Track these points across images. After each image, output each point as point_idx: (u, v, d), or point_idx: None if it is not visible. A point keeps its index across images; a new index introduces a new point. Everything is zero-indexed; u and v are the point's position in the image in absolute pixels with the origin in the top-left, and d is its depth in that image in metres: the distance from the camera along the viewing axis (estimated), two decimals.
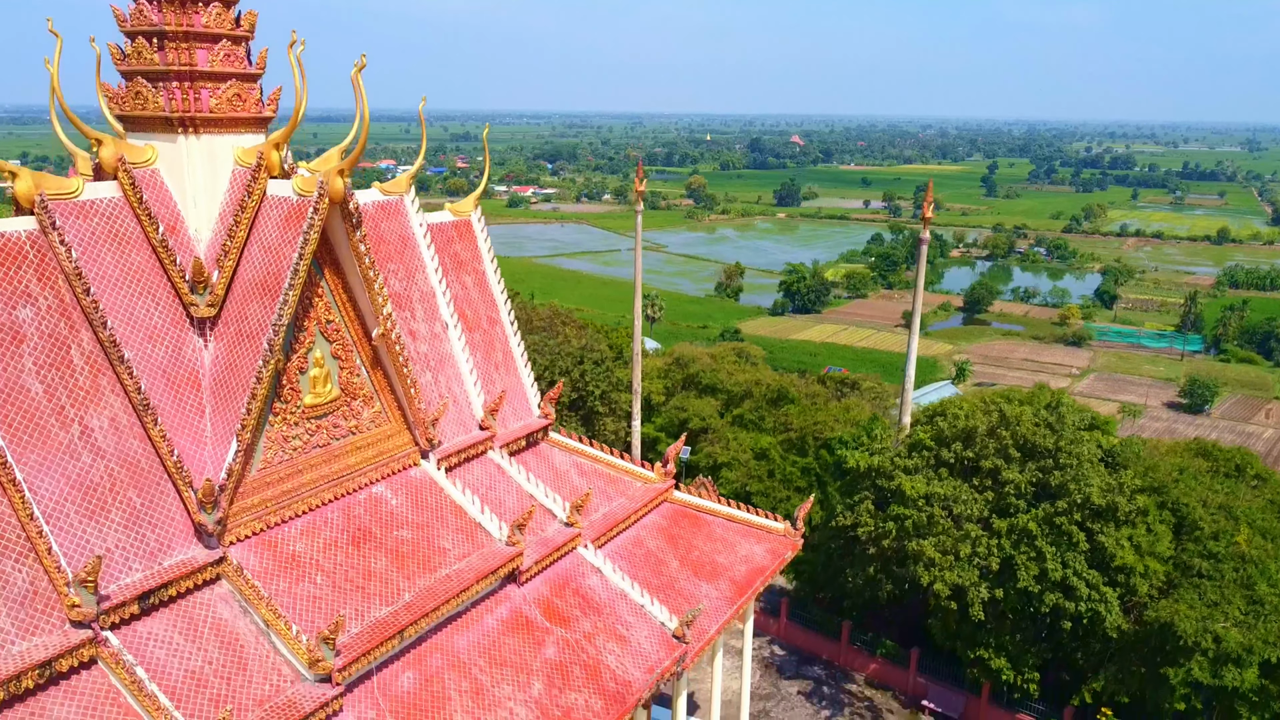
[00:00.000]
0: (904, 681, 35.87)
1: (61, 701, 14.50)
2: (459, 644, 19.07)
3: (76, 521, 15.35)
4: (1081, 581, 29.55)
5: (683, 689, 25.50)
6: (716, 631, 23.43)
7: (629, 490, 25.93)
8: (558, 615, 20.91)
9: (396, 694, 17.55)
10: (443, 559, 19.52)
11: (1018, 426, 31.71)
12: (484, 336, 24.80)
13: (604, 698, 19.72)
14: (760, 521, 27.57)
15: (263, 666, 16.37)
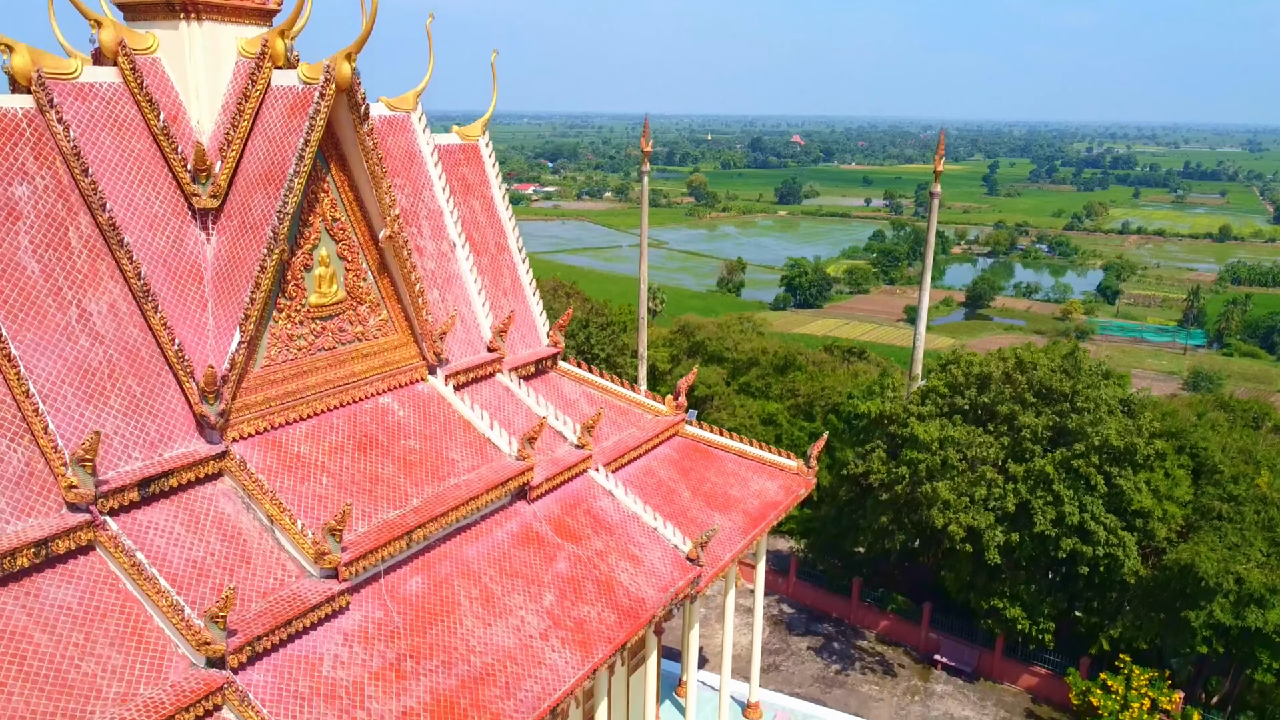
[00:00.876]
0: (916, 637, 35.28)
1: (58, 584, 13.93)
2: (468, 554, 18.51)
3: (74, 404, 14.80)
4: (1099, 526, 29.00)
5: (693, 642, 24.94)
6: (730, 559, 22.86)
7: (640, 421, 25.38)
8: (569, 533, 20.35)
9: (405, 596, 16.99)
10: (451, 469, 18.97)
11: (1034, 372, 31.17)
12: (492, 262, 24.26)
13: (617, 612, 19.15)
14: (773, 458, 27.01)
15: (266, 561, 15.81)
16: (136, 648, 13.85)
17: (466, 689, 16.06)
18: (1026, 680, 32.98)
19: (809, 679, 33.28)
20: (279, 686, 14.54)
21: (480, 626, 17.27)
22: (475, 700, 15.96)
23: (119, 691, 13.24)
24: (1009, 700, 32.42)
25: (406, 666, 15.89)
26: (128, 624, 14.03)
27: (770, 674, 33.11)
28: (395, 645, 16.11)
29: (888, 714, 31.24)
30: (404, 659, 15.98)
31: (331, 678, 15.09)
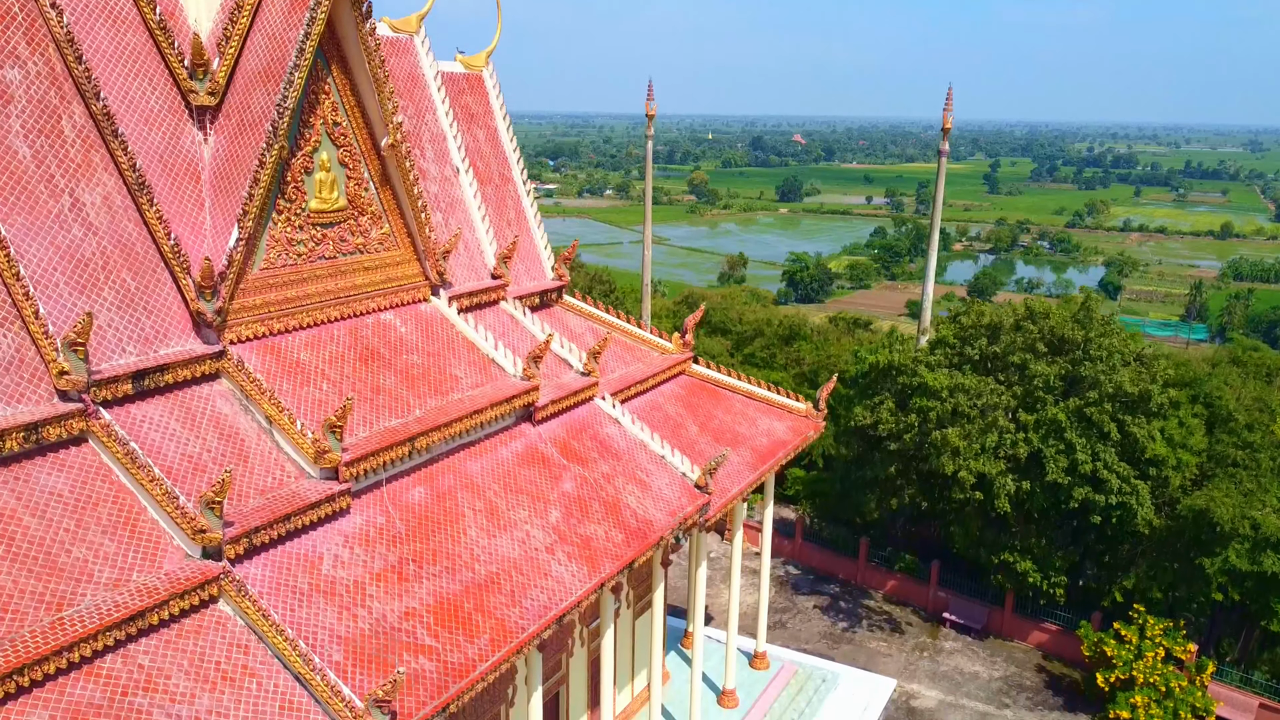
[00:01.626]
0: (924, 596, 34.79)
1: (49, 471, 13.45)
2: (472, 469, 18.04)
3: (66, 293, 14.34)
4: (1112, 474, 28.50)
5: (700, 598, 24.44)
6: (738, 493, 22.37)
7: (646, 358, 24.91)
8: (575, 455, 19.87)
9: (407, 505, 16.51)
10: (455, 386, 18.50)
11: (1046, 320, 30.69)
12: (496, 192, 23.81)
13: (624, 532, 18.68)
14: (782, 400, 26.54)
15: (265, 461, 15.34)
16: (129, 537, 13.38)
17: (471, 594, 15.59)
18: (1037, 637, 32.48)
19: (816, 636, 32.78)
20: (277, 581, 14.07)
21: (484, 537, 16.80)
22: (480, 605, 15.49)
23: (111, 577, 12.77)
24: (1019, 656, 31.92)
25: (409, 570, 15.42)
26: (120, 514, 13.56)
27: (776, 631, 32.62)
28: (397, 549, 15.64)
29: (896, 669, 30.74)
30: (406, 563, 15.51)
31: (331, 576, 14.61)
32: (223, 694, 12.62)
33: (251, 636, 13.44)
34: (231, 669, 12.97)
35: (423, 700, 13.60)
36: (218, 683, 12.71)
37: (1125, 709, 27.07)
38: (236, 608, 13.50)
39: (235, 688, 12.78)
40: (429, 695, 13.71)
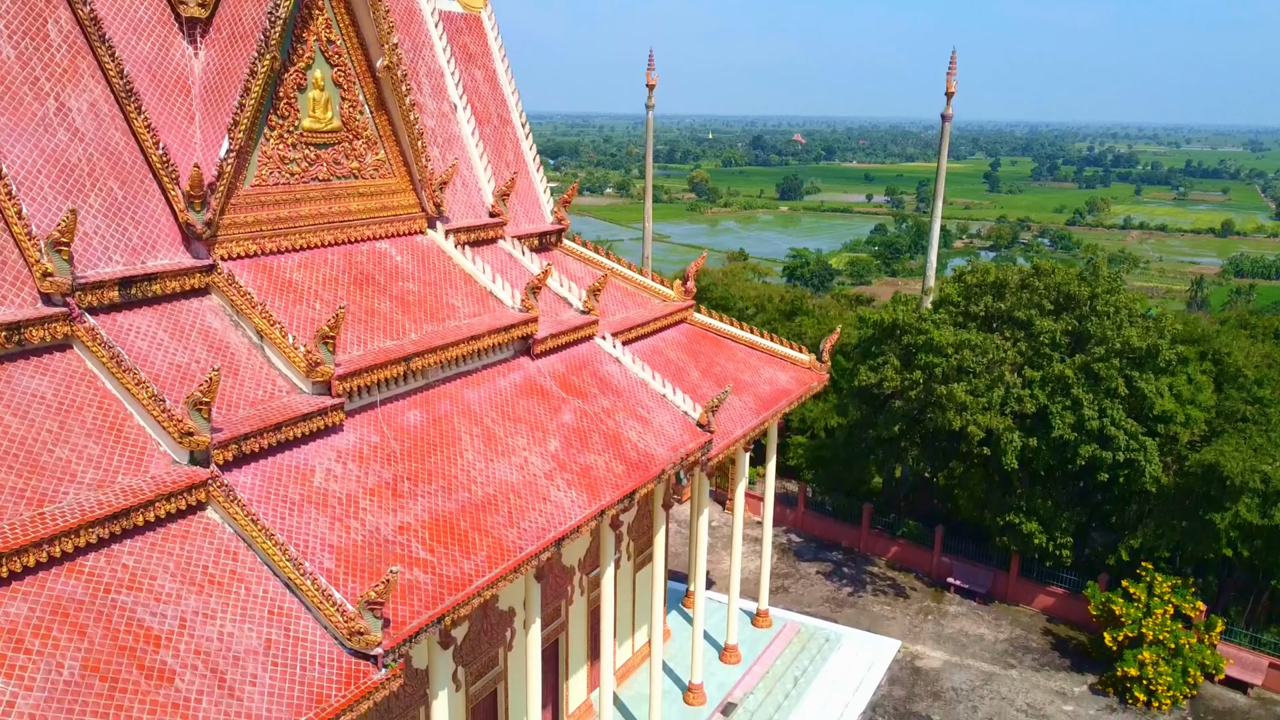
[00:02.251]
0: (928, 562, 34.34)
1: (31, 374, 13.04)
2: (469, 396, 17.62)
3: (50, 196, 13.93)
4: (1120, 430, 28.07)
5: (701, 563, 24.04)
6: (741, 435, 21.95)
7: (647, 304, 24.50)
8: (575, 389, 19.46)
9: (402, 427, 16.10)
10: (451, 314, 18.09)
11: (1051, 277, 30.28)
12: (494, 133, 23.41)
13: (625, 464, 18.25)
14: (785, 351, 26.13)
15: (255, 375, 14.93)
16: (114, 441, 12.96)
17: (467, 513, 15.17)
18: (1042, 601, 32.03)
19: (818, 600, 32.34)
20: (267, 491, 13.65)
21: (481, 461, 16.38)
22: (476, 524, 15.07)
23: (94, 478, 12.35)
24: (1025, 620, 31.48)
25: (404, 487, 15.00)
26: (105, 419, 13.15)
27: (779, 595, 32.18)
28: (392, 467, 15.22)
29: (900, 631, 30.30)
30: (401, 480, 15.09)
31: (324, 488, 14.19)
32: (210, 597, 12.21)
33: (240, 544, 13.03)
34: (219, 574, 12.56)
35: (417, 610, 13.18)
36: (205, 586, 12.30)
37: (1134, 666, 26.63)
38: (225, 514, 13.08)
39: (223, 592, 12.36)
40: (423, 606, 13.29)
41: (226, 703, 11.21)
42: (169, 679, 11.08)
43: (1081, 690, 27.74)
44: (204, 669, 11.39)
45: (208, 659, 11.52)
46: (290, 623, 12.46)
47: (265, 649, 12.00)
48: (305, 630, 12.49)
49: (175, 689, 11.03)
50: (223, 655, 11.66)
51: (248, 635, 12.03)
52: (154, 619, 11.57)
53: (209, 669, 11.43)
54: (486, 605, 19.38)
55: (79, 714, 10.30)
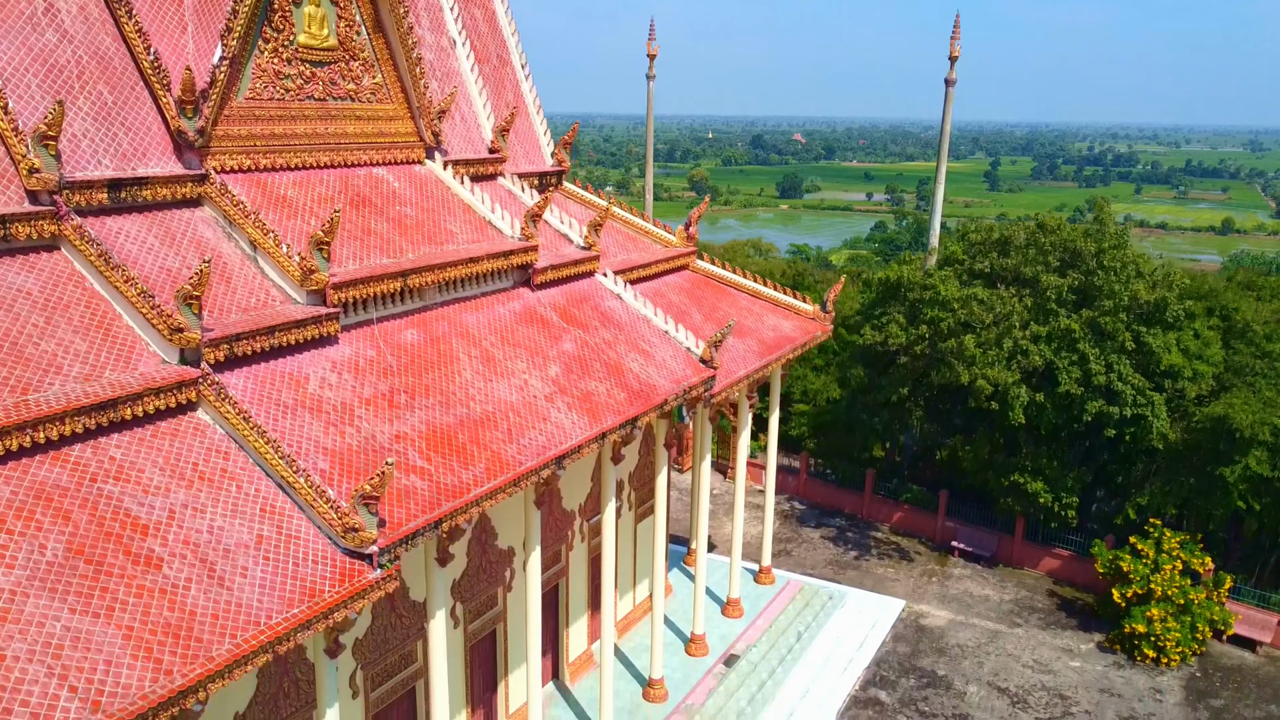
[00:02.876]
0: (932, 527, 33.97)
1: (17, 271, 12.69)
2: (468, 320, 17.27)
3: (38, 95, 13.58)
4: (1127, 386, 27.73)
5: (703, 528, 23.69)
6: (744, 376, 21.58)
7: (649, 249, 24.14)
8: (575, 321, 19.10)
9: (399, 344, 15.74)
10: (449, 239, 17.74)
11: (1057, 234, 29.92)
12: (494, 73, 23.06)
13: (627, 392, 17.89)
14: (788, 300, 25.79)
15: (249, 285, 14.58)
16: (102, 339, 12.61)
17: (465, 427, 14.81)
18: (1048, 564, 31.65)
19: (822, 563, 31.97)
20: (260, 394, 13.30)
21: (480, 380, 16.03)
22: (475, 438, 14.71)
23: (81, 372, 11.99)
24: (1030, 582, 31.10)
25: (400, 400, 14.64)
26: (93, 317, 12.79)
27: (781, 559, 31.79)
28: (388, 380, 14.87)
29: (904, 592, 29.92)
30: (397, 393, 14.74)
31: (318, 395, 13.83)
32: (199, 492, 11.85)
33: (231, 445, 12.67)
34: (210, 471, 12.19)
35: (414, 513, 12.82)
36: (194, 482, 11.93)
37: (1141, 622, 26.26)
38: (216, 414, 12.72)
39: (213, 488, 12.00)
40: (420, 510, 12.93)
41: (216, 592, 10.84)
42: (156, 565, 10.72)
43: (1089, 648, 27.36)
44: (193, 559, 11.03)
45: (197, 550, 11.16)
46: (283, 521, 12.09)
47: (257, 544, 11.64)
48: (298, 529, 12.13)
49: (163, 575, 10.67)
50: (212, 547, 11.29)
51: (238, 530, 11.67)
52: (141, 509, 11.21)
53: (198, 559, 11.07)
54: (485, 542, 19.03)
55: (62, 594, 9.94)
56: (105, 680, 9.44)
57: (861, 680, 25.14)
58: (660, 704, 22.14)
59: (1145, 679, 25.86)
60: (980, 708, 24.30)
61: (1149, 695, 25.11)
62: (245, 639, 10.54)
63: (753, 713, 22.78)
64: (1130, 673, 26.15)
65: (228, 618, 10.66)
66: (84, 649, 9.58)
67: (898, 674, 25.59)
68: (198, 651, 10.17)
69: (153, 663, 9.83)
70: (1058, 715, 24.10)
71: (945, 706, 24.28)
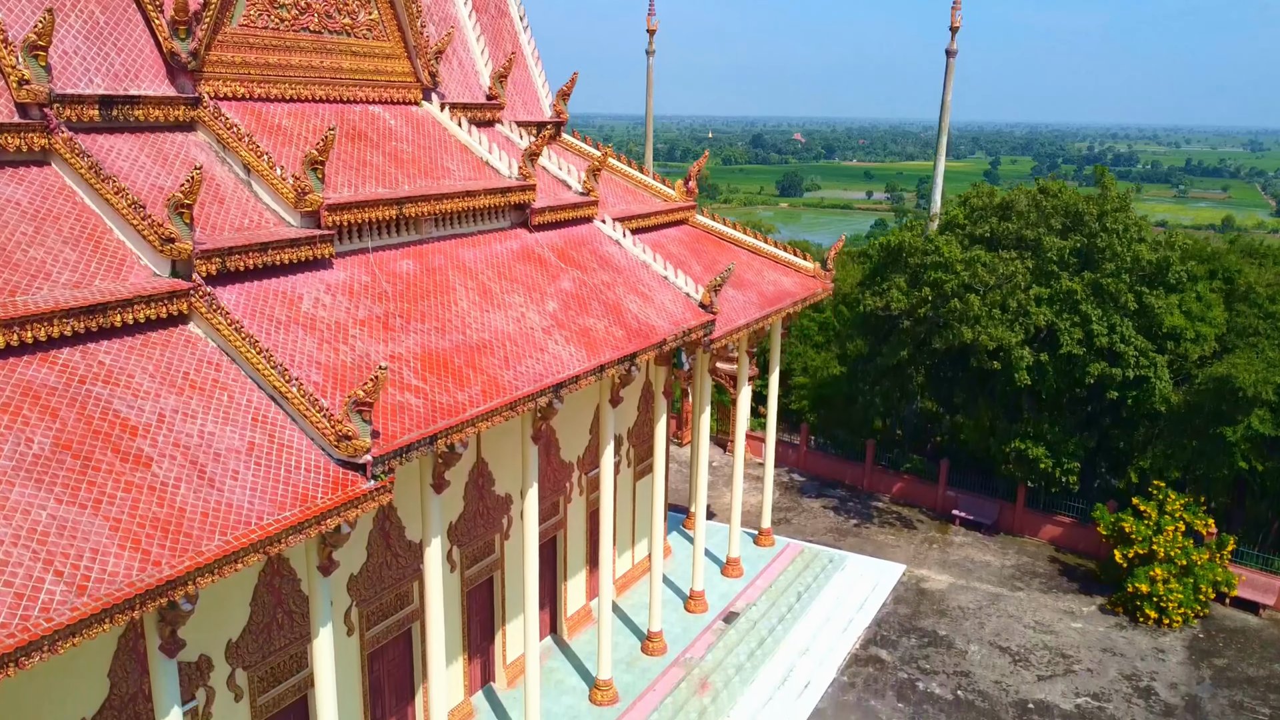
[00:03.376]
0: (932, 497, 33.78)
1: (6, 182, 12.51)
2: (465, 255, 17.09)
3: (27, 9, 13.41)
4: (1129, 347, 27.54)
5: (701, 496, 23.52)
6: (745, 325, 21.39)
7: (648, 203, 23.96)
8: (574, 262, 18.92)
9: (395, 272, 15.56)
10: (446, 175, 17.55)
11: (1060, 197, 29.73)
12: (492, 22, 22.90)
13: (626, 330, 17.71)
14: (788, 257, 25.62)
15: (242, 207, 14.40)
16: (93, 251, 12.43)
17: (461, 352, 14.63)
18: (1049, 531, 31.46)
19: (821, 530, 31.77)
20: (252, 309, 13.11)
21: (477, 311, 15.85)
22: (471, 362, 14.52)
23: (71, 279, 11.81)
24: (1031, 549, 30.90)
25: (396, 323, 14.46)
26: (83, 229, 12.62)
27: (781, 527, 31.58)
28: (383, 305, 14.68)
29: (905, 558, 29.72)
30: (392, 316, 14.55)
31: (312, 314, 13.65)
32: (190, 399, 11.67)
33: (223, 357, 12.49)
34: (201, 381, 12.01)
35: (409, 428, 12.63)
36: (185, 389, 11.75)
37: (1144, 582, 26.07)
38: (209, 327, 12.54)
39: (204, 396, 11.82)
40: (415, 425, 12.74)
41: (206, 492, 10.66)
42: (146, 464, 10.54)
43: (1091, 610, 27.17)
44: (183, 460, 10.85)
45: (187, 452, 10.98)
46: (275, 430, 11.91)
47: (248, 451, 11.45)
48: (290, 439, 11.94)
49: (152, 474, 10.48)
50: (203, 450, 11.11)
51: (230, 436, 11.49)
52: (130, 411, 11.03)
53: (188, 461, 10.88)
54: (483, 487, 18.85)
55: (49, 485, 9.75)
56: (91, 567, 9.26)
57: (862, 639, 24.95)
58: (659, 657, 21.95)
59: (1148, 639, 25.67)
60: (982, 665, 24.10)
61: (1151, 654, 24.92)
62: (236, 537, 10.35)
63: (752, 667, 22.59)
64: (1132, 633, 25.96)
65: (218, 516, 10.47)
66: (70, 537, 9.39)
67: (899, 634, 25.39)
68: (186, 546, 9.99)
69: (140, 553, 9.65)
70: (1060, 673, 23.91)
71: (946, 664, 24.08)
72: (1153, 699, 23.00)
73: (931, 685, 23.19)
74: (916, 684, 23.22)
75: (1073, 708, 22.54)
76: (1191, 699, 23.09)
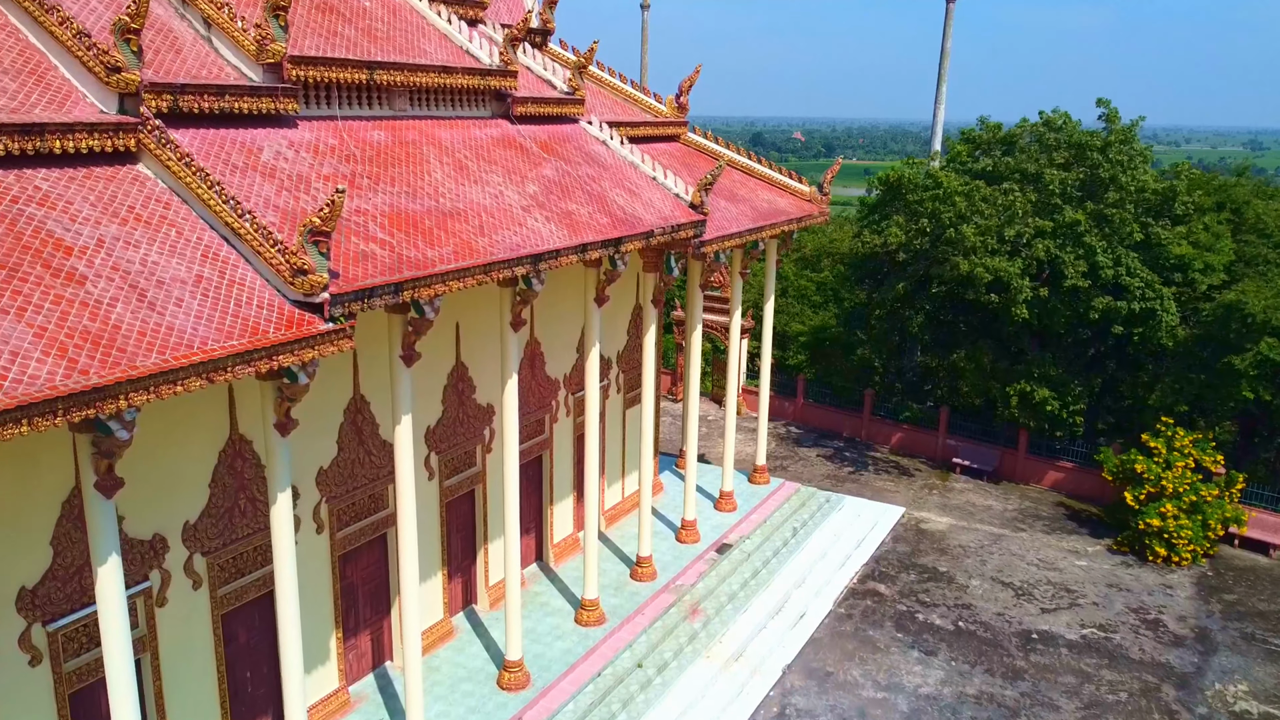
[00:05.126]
0: (932, 446, 32.93)
1: None
2: (442, 135, 16.26)
3: None
4: (1135, 279, 26.72)
5: (693, 446, 22.70)
6: (737, 234, 20.54)
7: (638, 115, 23.13)
8: (558, 154, 18.09)
9: (365, 140, 14.72)
10: (422, 56, 16.70)
11: (1063, 131, 28.90)
12: None
13: (611, 218, 16.87)
14: (782, 179, 24.77)
15: (201, 59, 13.54)
16: (35, 84, 11.56)
17: (433, 216, 13.79)
18: (1052, 477, 30.60)
19: (819, 477, 30.91)
20: (208, 151, 12.28)
21: (452, 183, 15.01)
22: (443, 225, 13.69)
23: (8, 106, 10.95)
24: (1034, 495, 30.05)
25: (364, 183, 13.62)
26: (26, 64, 11.76)
27: (777, 474, 30.59)
28: (351, 166, 13.85)
29: (904, 502, 28.87)
30: (360, 176, 13.72)
31: (272, 164, 12.82)
32: (134, 230, 10.82)
33: (173, 198, 11.65)
34: (148, 215, 11.17)
35: (372, 273, 11.79)
36: (129, 220, 10.91)
37: (1155, 517, 25.22)
38: (159, 166, 11.69)
39: (150, 229, 10.97)
40: (378, 273, 11.90)
41: (145, 314, 9.82)
42: (79, 281, 9.70)
43: (1096, 549, 26.33)
44: (122, 283, 10.01)
45: (127, 276, 10.14)
46: (226, 268, 11.07)
47: (195, 282, 10.61)
48: (243, 276, 11.10)
49: (85, 290, 9.64)
50: (144, 276, 10.27)
51: (175, 267, 10.64)
52: (67, 234, 10.19)
53: (127, 284, 10.04)
54: (463, 394, 18.02)
55: None
56: (9, 369, 8.42)
57: (860, 574, 24.11)
58: (648, 582, 21.11)
59: (1155, 576, 24.84)
60: (984, 599, 23.26)
61: (1159, 590, 24.08)
62: (175, 356, 9.51)
63: (745, 597, 21.74)
64: (1140, 571, 25.12)
65: (157, 337, 9.63)
66: None
67: (897, 570, 24.55)
68: (119, 360, 9.15)
69: (66, 361, 8.81)
70: (1064, 606, 23.07)
71: (947, 598, 23.24)
72: (1161, 630, 22.16)
73: (932, 617, 22.34)
74: (916, 615, 22.38)
75: (1078, 638, 21.70)
76: (1201, 630, 22.25)
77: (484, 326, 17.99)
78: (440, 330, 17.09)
